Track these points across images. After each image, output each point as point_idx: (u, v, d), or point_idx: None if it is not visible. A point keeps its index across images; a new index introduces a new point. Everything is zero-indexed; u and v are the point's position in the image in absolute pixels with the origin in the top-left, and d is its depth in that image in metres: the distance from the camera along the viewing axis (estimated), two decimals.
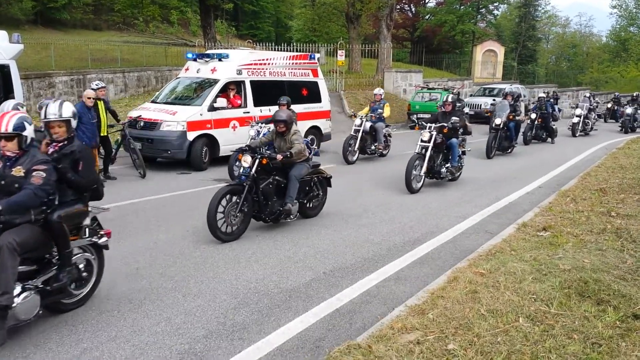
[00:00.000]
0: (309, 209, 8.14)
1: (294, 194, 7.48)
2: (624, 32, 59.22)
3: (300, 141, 7.50)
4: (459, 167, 11.04)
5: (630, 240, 6.56)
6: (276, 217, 7.36)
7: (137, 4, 26.45)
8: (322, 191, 8.29)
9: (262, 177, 7.22)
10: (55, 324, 4.52)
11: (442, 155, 10.62)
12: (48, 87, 16.41)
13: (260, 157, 7.09)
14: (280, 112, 7.80)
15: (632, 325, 4.26)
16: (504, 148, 15.27)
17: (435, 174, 10.44)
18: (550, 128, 18.43)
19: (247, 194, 6.95)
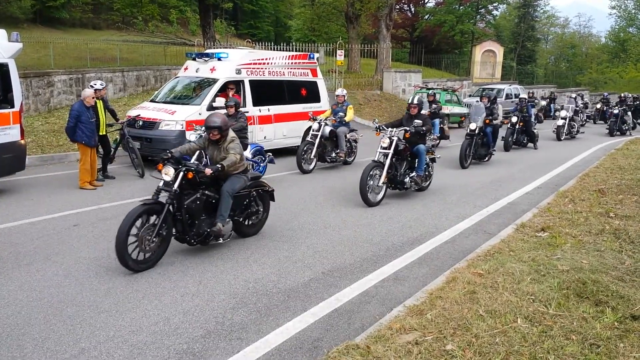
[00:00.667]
0: (247, 227, 7.07)
1: (226, 212, 6.37)
2: (623, 32, 59.30)
3: (237, 151, 6.45)
4: (427, 177, 10.01)
5: (628, 241, 6.57)
6: (203, 239, 6.24)
7: (136, 3, 26.43)
8: (262, 207, 7.24)
9: (188, 192, 6.14)
10: (53, 323, 4.52)
11: (407, 163, 9.61)
12: (47, 86, 16.39)
13: (185, 170, 5.99)
14: (213, 116, 6.52)
15: (630, 326, 4.26)
16: (480, 156, 13.77)
17: (397, 184, 9.42)
18: (531, 132, 17.08)
19: (167, 214, 5.87)
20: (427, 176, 9.99)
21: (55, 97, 16.66)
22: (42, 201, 8.64)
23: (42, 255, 6.16)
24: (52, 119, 15.45)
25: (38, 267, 5.81)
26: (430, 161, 10.09)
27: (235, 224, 6.76)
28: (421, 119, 9.74)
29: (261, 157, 10.57)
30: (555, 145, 18.67)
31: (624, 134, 22.53)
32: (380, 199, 9.16)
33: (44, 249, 6.37)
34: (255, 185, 7.06)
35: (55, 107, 16.56)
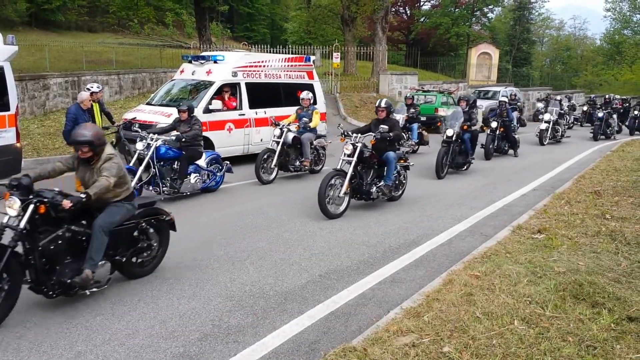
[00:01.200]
0: (136, 266, 5.60)
1: (98, 255, 4.89)
2: (618, 35, 59.52)
3: (111, 173, 4.94)
4: (397, 186, 9.38)
5: (624, 243, 6.59)
6: (66, 289, 4.72)
7: (131, 6, 26.44)
8: (158, 241, 5.80)
9: (45, 230, 4.68)
10: (49, 326, 4.50)
11: (374, 171, 8.92)
12: (43, 89, 16.36)
13: (37, 203, 4.55)
14: (83, 128, 5.12)
15: (627, 328, 4.27)
16: (458, 165, 12.57)
17: (363, 195, 8.70)
18: (512, 138, 15.75)
19: (11, 260, 4.43)
20: (397, 185, 9.35)
21: (50, 100, 16.63)
22: None
23: None
24: (47, 122, 15.42)
25: None
26: (402, 169, 9.45)
27: (118, 265, 5.37)
28: (389, 123, 8.99)
29: (217, 166, 10.07)
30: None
31: (609, 138, 21.39)
32: (343, 211, 8.39)
33: None
34: (146, 215, 5.64)
35: (50, 110, 16.53)
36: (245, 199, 9.51)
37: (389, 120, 9.12)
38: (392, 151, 9.01)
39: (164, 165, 9.06)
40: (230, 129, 12.28)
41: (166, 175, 9.05)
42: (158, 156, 8.89)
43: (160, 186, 8.90)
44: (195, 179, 9.35)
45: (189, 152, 9.30)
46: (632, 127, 23.97)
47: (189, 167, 9.31)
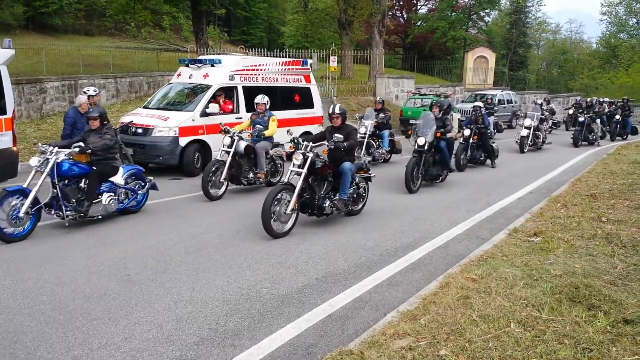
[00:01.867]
0: None
1: None
2: (614, 38, 59.91)
3: None
4: (356, 200, 8.57)
5: (620, 246, 6.60)
6: None
7: (129, 10, 26.45)
8: None
9: None
10: (45, 330, 4.50)
11: (328, 184, 8.11)
12: (39, 93, 16.34)
13: None
14: None
15: (623, 330, 4.28)
16: (432, 176, 11.29)
17: (315, 210, 7.83)
18: (489, 147, 14.31)
19: None
20: (356, 199, 8.53)
21: (47, 104, 16.62)
22: None
23: (34, 263, 6.12)
24: (44, 126, 15.41)
25: (30, 274, 5.77)
26: (362, 181, 8.70)
27: None
28: (345, 131, 8.17)
29: (139, 182, 8.59)
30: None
31: (592, 144, 20.44)
32: (289, 229, 7.51)
33: (36, 256, 6.34)
34: None
35: (47, 113, 16.51)
36: (243, 202, 9.51)
37: (344, 128, 8.31)
38: (349, 161, 8.17)
39: (69, 185, 7.55)
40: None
41: (71, 196, 7.49)
42: (60, 173, 7.34)
43: (63, 209, 7.32)
44: (108, 199, 7.86)
45: (100, 168, 7.83)
46: (614, 132, 23.16)
47: (100, 185, 7.87)
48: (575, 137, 20.03)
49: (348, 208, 8.35)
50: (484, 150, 14.45)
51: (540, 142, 18.50)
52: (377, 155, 13.89)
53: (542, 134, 18.59)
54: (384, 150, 14.13)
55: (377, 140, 14.06)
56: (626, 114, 24.25)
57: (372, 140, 13.86)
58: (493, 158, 14.53)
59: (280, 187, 7.44)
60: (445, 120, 11.71)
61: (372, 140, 13.86)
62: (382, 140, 14.17)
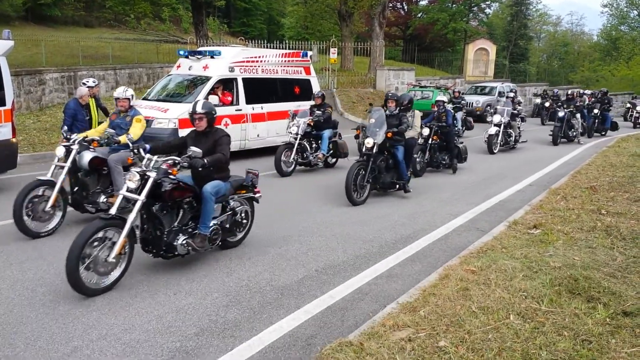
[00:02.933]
0: None
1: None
2: (614, 31, 59.79)
3: None
4: (229, 230, 6.34)
5: (620, 238, 6.61)
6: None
7: (128, 1, 26.31)
8: None
9: None
10: (45, 321, 4.50)
11: (185, 212, 5.81)
12: (39, 84, 16.31)
13: None
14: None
15: (622, 322, 4.29)
16: (385, 185, 9.42)
17: (161, 251, 5.59)
18: (454, 148, 12.27)
19: None
20: (230, 228, 6.29)
21: (47, 95, 16.59)
22: None
23: (34, 254, 6.13)
24: (43, 117, 15.39)
25: (30, 265, 5.78)
26: (243, 203, 6.58)
27: None
28: (211, 139, 5.96)
29: None
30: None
31: (572, 142, 18.55)
32: (113, 282, 5.22)
33: (36, 248, 6.34)
34: None
35: (47, 105, 16.49)
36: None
37: (212, 134, 6.05)
38: (220, 179, 6.02)
39: None
40: (226, 124, 12.26)
41: None
42: None
43: None
44: None
45: None
46: (591, 128, 20.91)
47: None
48: (555, 134, 17.81)
49: (213, 244, 6.05)
50: (448, 152, 12.37)
51: (512, 141, 16.23)
52: (314, 160, 11.65)
53: (514, 132, 16.31)
54: (321, 153, 11.75)
55: (315, 142, 11.95)
56: (605, 107, 22.13)
57: (308, 142, 11.69)
58: (455, 163, 12.34)
59: (97, 225, 5.04)
60: (402, 117, 9.61)
61: (308, 142, 11.69)
62: (321, 142, 11.90)
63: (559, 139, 17.87)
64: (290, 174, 11.26)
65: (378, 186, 9.41)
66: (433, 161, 12.11)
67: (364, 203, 8.96)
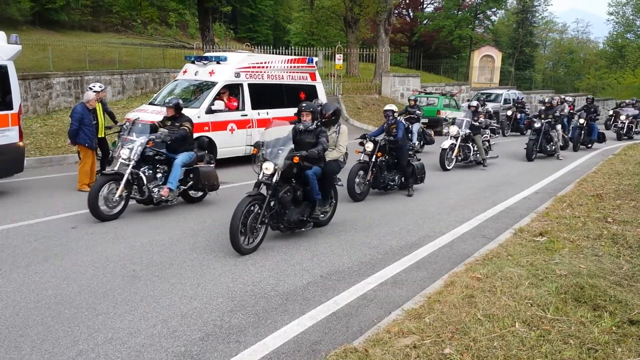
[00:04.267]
0: None
1: None
2: (620, 38, 59.73)
3: None
4: None
5: (626, 246, 6.58)
6: None
7: (135, 6, 26.48)
8: None
9: None
10: (51, 325, 4.51)
11: None
12: (46, 88, 16.39)
13: None
14: None
15: (628, 331, 4.27)
16: (292, 223, 7.13)
17: None
18: (406, 167, 10.26)
19: None
20: None
21: (53, 100, 16.67)
22: (40, 203, 8.63)
23: (40, 257, 6.15)
24: (50, 121, 15.46)
25: (36, 269, 5.80)
26: None
27: None
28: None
29: None
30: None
31: (551, 156, 16.37)
32: None
33: (42, 251, 6.37)
34: None
35: (53, 109, 16.57)
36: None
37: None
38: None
39: None
40: (232, 130, 12.30)
41: None
42: None
43: None
44: None
45: None
46: (577, 141, 18.66)
47: None
48: (529, 148, 15.48)
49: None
50: (400, 171, 10.38)
51: (473, 156, 14.15)
52: (156, 196, 8.30)
53: (477, 146, 14.12)
54: (167, 188, 8.36)
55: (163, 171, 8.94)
56: (592, 117, 19.12)
57: (151, 169, 8.55)
58: (411, 183, 10.41)
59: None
60: (320, 134, 7.45)
61: (151, 169, 8.55)
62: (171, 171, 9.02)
63: (534, 154, 15.55)
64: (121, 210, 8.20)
65: (282, 226, 7.11)
66: (380, 182, 10.08)
67: (255, 251, 6.63)
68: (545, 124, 15.80)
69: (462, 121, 13.77)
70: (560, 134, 16.86)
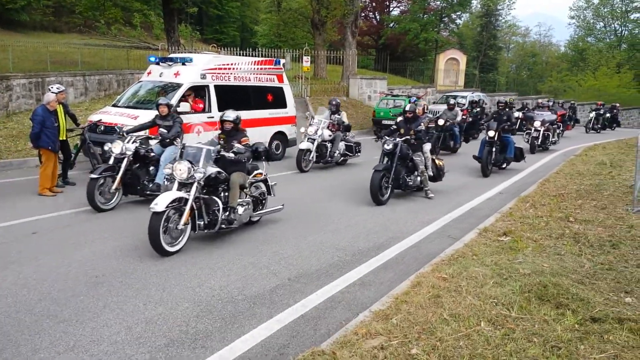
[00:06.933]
0: None
1: None
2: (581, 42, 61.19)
3: None
4: None
5: (587, 245, 6.73)
6: None
7: (98, 7, 25.96)
8: None
9: None
10: (11, 333, 4.38)
11: None
12: (5, 90, 15.95)
13: None
14: None
15: (590, 329, 4.36)
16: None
17: None
18: None
19: None
20: None
21: (14, 102, 16.23)
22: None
23: None
24: (10, 124, 15.05)
25: None
26: None
27: None
28: None
29: None
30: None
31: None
32: None
33: (1, 258, 6.18)
34: None
35: (14, 111, 16.13)
36: None
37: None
38: None
39: None
40: (199, 132, 12.16)
41: None
42: None
43: None
44: None
45: None
46: (485, 162, 12.87)
47: None
48: (375, 185, 9.42)
49: None
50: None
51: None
52: None
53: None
54: None
55: None
56: (505, 127, 13.28)
57: None
58: None
59: None
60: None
61: None
62: None
63: (384, 194, 9.72)
64: None
65: None
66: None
67: None
68: (402, 143, 9.82)
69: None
70: (429, 157, 10.61)
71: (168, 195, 6.40)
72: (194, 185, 6.65)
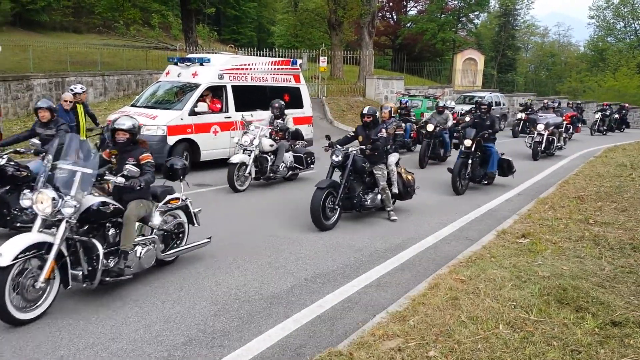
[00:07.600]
0: None
1: None
2: (601, 42, 60.44)
3: None
4: None
5: (607, 248, 6.65)
6: None
7: (117, 7, 26.24)
8: None
9: None
10: (32, 330, 4.44)
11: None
12: (26, 90, 16.18)
13: None
14: None
15: (611, 332, 4.30)
16: None
17: None
18: None
19: None
20: None
21: (34, 101, 16.44)
22: None
23: None
24: (30, 123, 15.21)
25: None
26: None
27: None
28: None
29: None
30: None
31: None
32: None
33: None
34: None
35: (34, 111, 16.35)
36: (228, 203, 9.47)
37: None
38: None
39: None
40: (216, 132, 12.23)
41: None
42: None
43: None
44: None
45: None
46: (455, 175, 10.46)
47: None
48: (315, 205, 7.64)
49: None
50: None
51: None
52: None
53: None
54: None
55: None
56: (485, 136, 10.78)
57: None
58: None
59: None
60: None
61: None
62: None
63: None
64: None
65: None
66: None
67: None
68: (356, 154, 8.23)
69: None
70: (394, 171, 8.90)
71: (20, 241, 4.49)
72: (62, 224, 4.70)
